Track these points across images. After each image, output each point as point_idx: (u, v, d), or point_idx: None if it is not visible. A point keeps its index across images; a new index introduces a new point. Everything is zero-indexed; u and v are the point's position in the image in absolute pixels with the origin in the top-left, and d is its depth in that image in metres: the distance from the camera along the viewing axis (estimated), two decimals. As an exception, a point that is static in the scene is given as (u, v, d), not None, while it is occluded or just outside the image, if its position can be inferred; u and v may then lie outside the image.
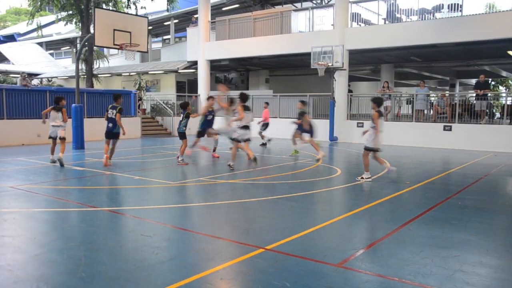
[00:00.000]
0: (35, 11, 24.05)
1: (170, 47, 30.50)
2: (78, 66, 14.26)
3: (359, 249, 4.51)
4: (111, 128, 10.16)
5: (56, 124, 10.32)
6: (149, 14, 28.91)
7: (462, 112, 16.97)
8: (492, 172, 10.15)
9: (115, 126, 10.14)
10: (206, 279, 3.72)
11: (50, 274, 3.80)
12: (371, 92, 30.28)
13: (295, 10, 21.57)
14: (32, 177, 8.68)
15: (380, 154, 8.79)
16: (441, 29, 15.76)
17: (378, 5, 18.51)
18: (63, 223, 5.51)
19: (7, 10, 67.44)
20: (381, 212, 6.21)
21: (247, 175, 9.17)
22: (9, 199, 6.74)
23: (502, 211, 6.52)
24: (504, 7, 16.03)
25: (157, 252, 4.35)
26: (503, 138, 14.63)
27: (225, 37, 21.89)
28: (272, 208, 6.38)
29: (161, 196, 7.43)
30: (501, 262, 4.27)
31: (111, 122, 10.15)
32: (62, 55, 46.38)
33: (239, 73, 29.66)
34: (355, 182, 8.39)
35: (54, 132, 10.35)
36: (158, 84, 28.55)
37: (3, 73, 32.06)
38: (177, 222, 5.64)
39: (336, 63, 16.47)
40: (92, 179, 8.71)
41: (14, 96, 15.67)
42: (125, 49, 13.70)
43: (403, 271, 3.94)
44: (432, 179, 9.01)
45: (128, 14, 16.80)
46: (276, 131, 19.88)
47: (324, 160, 11.70)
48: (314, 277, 3.76)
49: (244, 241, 4.74)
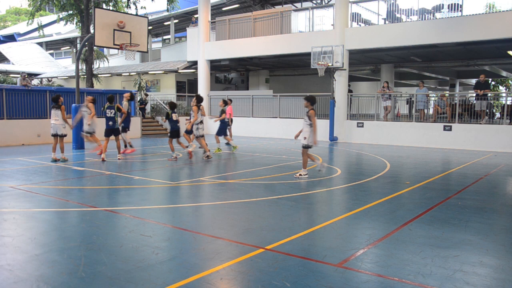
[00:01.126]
0: (34, 11, 24.06)
1: (170, 47, 30.52)
2: (78, 66, 14.26)
3: (359, 249, 4.51)
4: (111, 125, 11.15)
5: (56, 122, 10.66)
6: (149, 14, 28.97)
7: (462, 112, 16.98)
8: (492, 172, 10.15)
9: (115, 123, 11.21)
10: (206, 279, 3.72)
11: (50, 274, 3.80)
12: (371, 92, 30.29)
13: (295, 10, 21.58)
14: (32, 177, 8.68)
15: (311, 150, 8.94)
16: (441, 29, 15.76)
17: (378, 5, 18.51)
18: (63, 223, 5.51)
19: (7, 10, 67.44)
20: (381, 212, 6.21)
21: (247, 175, 9.17)
22: (9, 199, 6.74)
23: (502, 211, 6.52)
24: (504, 7, 16.04)
25: (157, 252, 4.35)
26: (503, 138, 14.64)
27: (225, 37, 21.90)
28: (272, 208, 6.38)
29: (161, 196, 7.43)
30: (501, 262, 4.27)
31: (111, 120, 11.13)
32: (62, 55, 46.40)
33: (239, 73, 29.67)
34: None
35: (54, 129, 10.68)
36: (158, 84, 28.56)
37: (3, 73, 32.05)
38: (177, 222, 5.64)
39: (336, 63, 16.47)
40: (92, 179, 8.71)
41: (14, 96, 15.68)
42: (125, 49, 13.70)
43: (403, 271, 3.94)
44: (432, 179, 9.01)
45: (128, 14, 16.79)
46: (276, 131, 19.93)
47: (324, 160, 11.70)
48: (314, 277, 3.76)
49: (244, 241, 4.74)
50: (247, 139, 18.58)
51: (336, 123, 17.78)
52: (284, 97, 20.41)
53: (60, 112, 10.64)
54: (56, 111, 10.66)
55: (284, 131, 19.62)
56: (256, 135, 20.30)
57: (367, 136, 17.36)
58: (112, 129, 11.16)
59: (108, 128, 11.12)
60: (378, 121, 17.53)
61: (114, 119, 11.15)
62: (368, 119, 18.08)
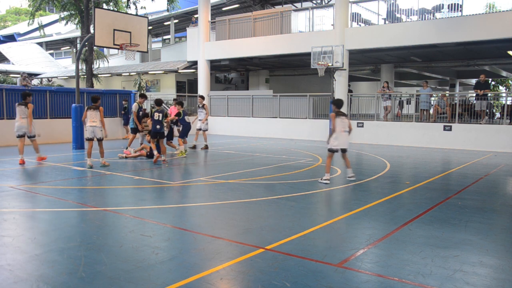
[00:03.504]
0: (34, 11, 24.08)
1: (170, 47, 30.52)
2: (78, 66, 14.26)
3: (359, 249, 4.51)
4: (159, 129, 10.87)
5: (94, 124, 9.93)
6: (149, 14, 28.97)
7: (462, 112, 16.98)
8: (492, 172, 10.15)
9: (162, 127, 10.88)
10: (206, 279, 3.72)
11: (50, 274, 3.80)
12: (371, 92, 30.29)
13: (295, 10, 21.59)
14: (32, 177, 8.68)
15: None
16: (441, 29, 15.77)
17: (378, 5, 18.52)
18: (63, 223, 5.51)
19: (7, 10, 67.44)
20: (381, 212, 6.21)
21: (247, 175, 9.17)
22: (9, 199, 6.74)
23: (502, 211, 6.52)
24: (504, 7, 16.04)
25: (157, 252, 4.35)
26: (503, 138, 14.63)
27: (225, 37, 21.91)
28: (272, 208, 6.38)
29: (161, 196, 7.43)
30: (501, 262, 4.27)
31: (158, 124, 10.82)
32: (62, 55, 46.41)
33: (239, 73, 29.67)
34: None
35: (92, 132, 9.96)
36: (158, 84, 28.57)
37: (3, 73, 32.06)
38: (177, 222, 5.63)
39: (336, 63, 16.47)
40: (92, 179, 8.71)
41: (14, 96, 15.66)
42: (125, 49, 13.69)
43: (403, 271, 3.94)
44: (432, 179, 9.01)
45: (128, 14, 16.80)
46: (276, 131, 19.92)
47: (324, 160, 11.70)
48: (314, 277, 3.76)
49: (244, 241, 4.74)
50: (247, 139, 18.58)
51: (336, 123, 17.75)
52: (284, 97, 20.42)
53: (99, 113, 9.89)
54: (94, 112, 9.88)
55: (284, 131, 19.62)
56: (256, 135, 20.30)
57: (367, 136, 17.35)
58: (158, 132, 10.78)
59: (154, 131, 10.76)
60: (378, 121, 17.53)
61: (161, 122, 10.81)
62: (368, 119, 18.08)
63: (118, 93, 19.51)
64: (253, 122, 20.78)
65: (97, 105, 9.95)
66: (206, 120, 14.33)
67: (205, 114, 14.31)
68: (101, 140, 9.99)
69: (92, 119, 9.87)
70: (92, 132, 9.90)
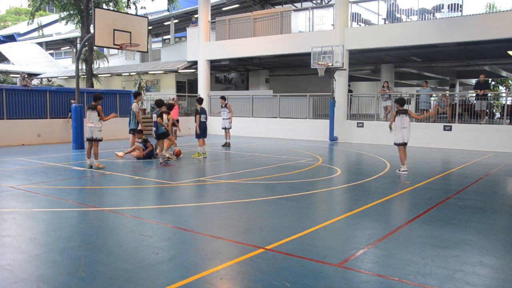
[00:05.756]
0: (34, 11, 24.07)
1: (170, 47, 30.51)
2: (78, 66, 14.26)
3: (359, 249, 4.51)
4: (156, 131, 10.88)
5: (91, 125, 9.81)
6: (149, 14, 28.96)
7: (462, 112, 16.98)
8: (492, 172, 10.15)
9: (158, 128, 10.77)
10: (206, 279, 3.72)
11: (50, 274, 3.80)
12: (371, 92, 30.28)
13: (295, 10, 21.58)
14: (32, 177, 8.68)
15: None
16: (441, 29, 15.76)
17: (378, 5, 18.51)
18: (63, 223, 5.51)
19: (7, 10, 67.42)
20: (381, 212, 6.21)
21: (247, 175, 9.17)
22: (9, 199, 6.74)
23: (502, 211, 6.52)
24: (504, 7, 16.03)
25: (157, 252, 4.35)
26: (503, 138, 14.63)
27: (225, 37, 21.90)
28: (272, 208, 6.38)
29: (161, 196, 7.43)
30: (501, 262, 4.27)
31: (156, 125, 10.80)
32: (62, 55, 46.39)
33: (239, 73, 29.67)
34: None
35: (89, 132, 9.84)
36: (158, 84, 28.55)
37: (3, 73, 32.04)
38: (177, 222, 5.63)
39: (336, 63, 16.47)
40: (92, 179, 8.71)
41: (14, 96, 15.66)
42: (125, 49, 13.69)
43: (403, 271, 3.94)
44: (432, 179, 9.01)
45: (128, 14, 16.79)
46: (276, 131, 19.92)
47: (324, 160, 11.71)
48: (314, 277, 3.76)
49: (244, 241, 4.74)
50: (247, 139, 18.58)
51: (336, 123, 17.78)
52: (284, 97, 20.41)
53: (96, 113, 9.68)
54: (91, 113, 9.70)
55: (284, 131, 19.62)
56: (256, 135, 20.29)
57: (367, 136, 17.35)
58: (161, 133, 10.66)
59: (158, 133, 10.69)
60: (378, 121, 17.53)
61: (156, 124, 10.64)
62: (368, 119, 18.08)
63: (118, 93, 19.52)
64: (253, 122, 20.77)
65: (95, 105, 9.80)
66: (230, 119, 15.25)
67: (228, 113, 15.16)
68: (96, 141, 9.82)
69: (90, 120, 9.77)
70: (90, 132, 9.83)
